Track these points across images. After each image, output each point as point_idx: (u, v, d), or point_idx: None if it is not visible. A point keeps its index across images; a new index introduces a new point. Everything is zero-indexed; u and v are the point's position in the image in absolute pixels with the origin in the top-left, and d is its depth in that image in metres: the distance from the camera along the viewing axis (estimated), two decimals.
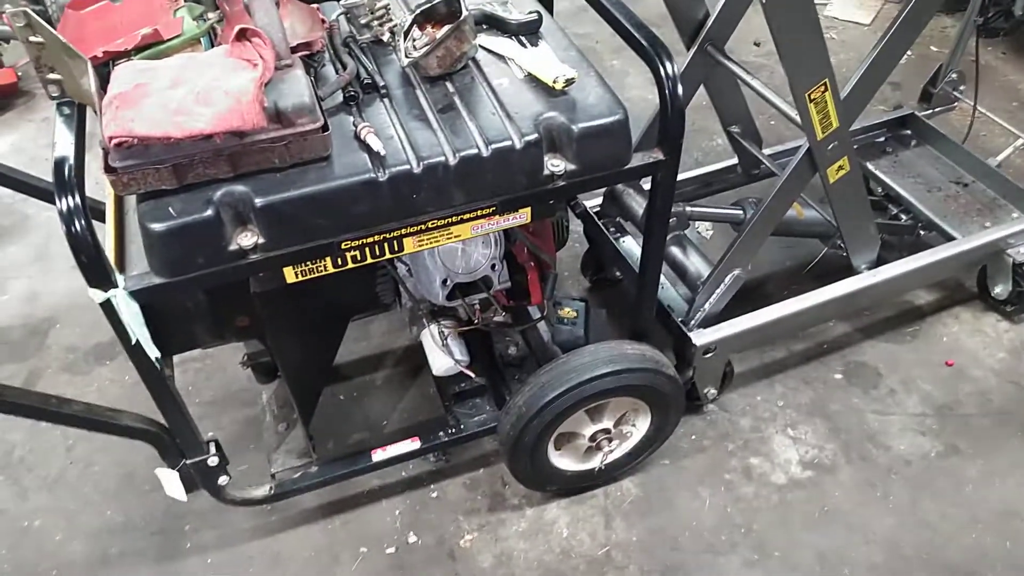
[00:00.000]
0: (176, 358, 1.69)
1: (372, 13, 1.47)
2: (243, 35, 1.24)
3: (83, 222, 1.15)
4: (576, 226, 2.35)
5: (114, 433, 1.50)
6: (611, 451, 1.83)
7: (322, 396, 1.88)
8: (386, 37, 1.49)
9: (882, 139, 2.56)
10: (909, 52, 1.78)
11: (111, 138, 1.15)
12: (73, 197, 1.15)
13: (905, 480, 1.95)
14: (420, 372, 2.17)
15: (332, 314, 1.79)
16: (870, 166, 2.45)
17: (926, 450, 2.01)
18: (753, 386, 2.17)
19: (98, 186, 1.27)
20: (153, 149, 1.17)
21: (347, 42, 1.48)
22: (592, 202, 2.24)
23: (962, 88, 2.53)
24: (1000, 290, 2.27)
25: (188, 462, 1.56)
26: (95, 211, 1.60)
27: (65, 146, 1.21)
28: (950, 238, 2.21)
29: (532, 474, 1.81)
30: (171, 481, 1.58)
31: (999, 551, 1.81)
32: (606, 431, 1.79)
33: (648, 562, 1.81)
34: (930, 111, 2.56)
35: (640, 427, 1.85)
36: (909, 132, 2.56)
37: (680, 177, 2.33)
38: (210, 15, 1.40)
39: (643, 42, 1.41)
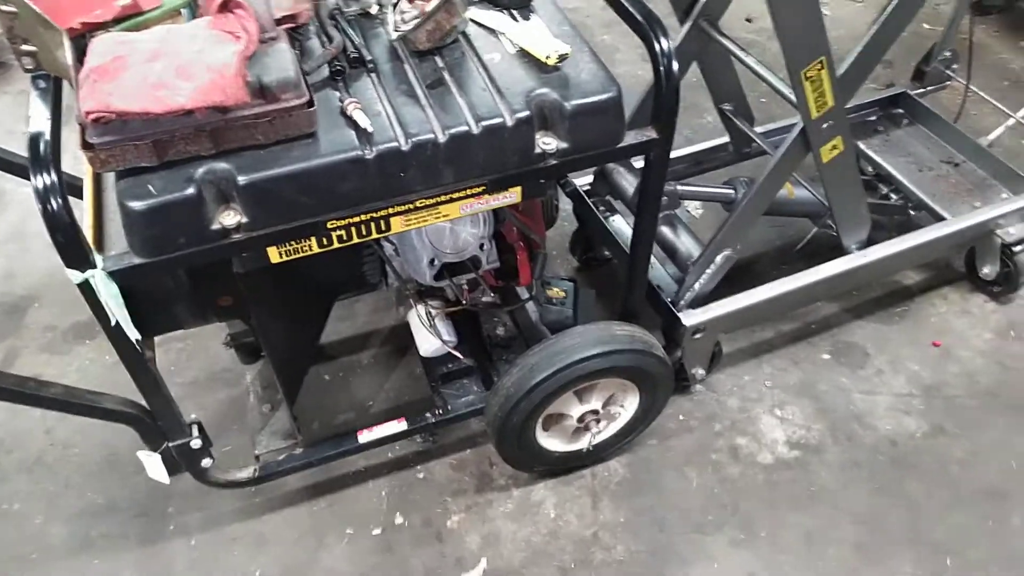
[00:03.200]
0: (157, 338, 1.65)
1: None
2: (226, 6, 1.19)
3: (59, 200, 1.12)
4: (565, 205, 2.33)
5: (94, 416, 1.47)
6: (599, 432, 1.82)
7: (307, 376, 1.86)
8: (374, 10, 1.45)
9: (874, 118, 2.54)
10: None
11: (88, 113, 1.10)
12: (49, 174, 1.12)
13: (891, 460, 1.96)
14: (407, 352, 2.14)
15: (317, 294, 1.76)
16: (861, 145, 2.43)
17: (912, 430, 2.02)
18: (741, 366, 2.16)
19: (76, 161, 1.23)
20: (132, 125, 1.13)
21: (334, 14, 1.43)
22: (582, 180, 2.21)
23: (955, 67, 2.52)
24: (988, 270, 2.28)
25: (170, 445, 1.53)
26: (73, 188, 1.55)
27: (40, 121, 1.17)
28: (940, 218, 2.20)
29: (520, 455, 1.80)
30: (153, 464, 1.55)
31: (983, 529, 1.83)
32: (594, 412, 1.78)
33: (635, 542, 1.81)
34: (922, 90, 2.54)
35: (628, 408, 1.84)
36: (901, 111, 2.54)
37: (671, 155, 2.32)
38: None
39: (638, 17, 1.38)
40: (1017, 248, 2.17)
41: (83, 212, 1.31)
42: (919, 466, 1.95)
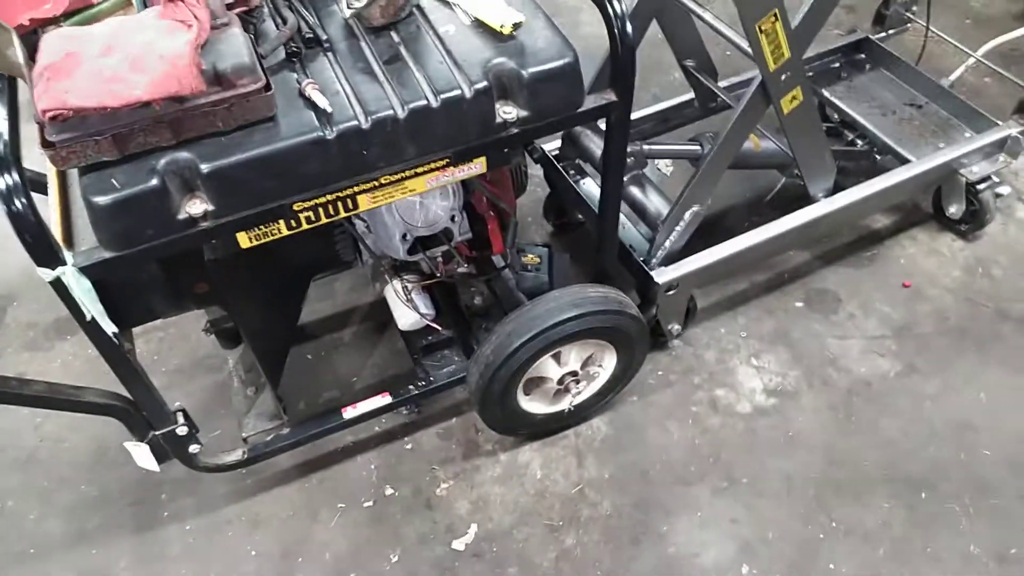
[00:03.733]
0: (139, 328, 1.67)
1: None
2: None
3: (23, 200, 1.13)
4: (537, 170, 2.34)
5: (78, 411, 1.49)
6: (579, 392, 1.85)
7: (290, 356, 1.88)
8: None
9: (837, 65, 2.55)
10: None
11: (45, 112, 1.11)
12: (11, 175, 1.12)
13: (865, 401, 2.01)
14: (388, 327, 2.17)
15: (292, 275, 1.77)
16: (825, 92, 2.45)
17: (885, 370, 2.07)
18: (717, 319, 2.20)
19: (42, 157, 1.23)
20: (90, 120, 1.14)
21: None
22: (551, 145, 2.22)
23: (914, 8, 2.53)
24: (954, 210, 2.32)
25: (157, 434, 1.55)
26: (38, 183, 1.56)
27: None
28: (905, 161, 2.23)
29: (503, 420, 1.84)
30: (141, 454, 1.57)
31: (955, 462, 1.89)
32: (573, 373, 1.81)
33: (620, 497, 1.86)
34: (884, 34, 2.56)
35: (607, 367, 1.88)
36: (863, 56, 2.56)
37: (637, 114, 2.33)
38: None
39: None
40: (981, 186, 2.21)
41: (50, 208, 1.32)
42: (893, 405, 2.00)
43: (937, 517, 1.80)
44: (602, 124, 1.92)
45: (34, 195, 1.17)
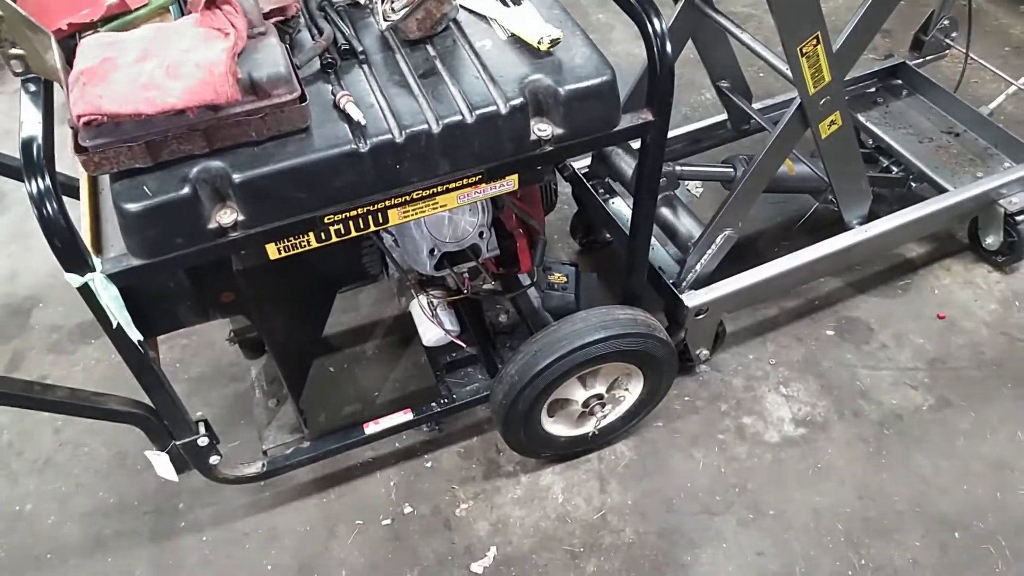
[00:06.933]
0: (162, 336, 1.65)
1: None
2: (213, 3, 1.19)
3: (55, 205, 1.12)
4: (565, 188, 2.31)
5: (100, 418, 1.48)
6: (604, 416, 1.82)
7: (313, 368, 1.86)
8: None
9: (873, 90, 2.52)
10: None
11: (79, 116, 1.10)
12: (43, 179, 1.12)
13: (897, 434, 1.96)
14: (411, 341, 2.14)
15: (318, 287, 1.76)
16: (861, 117, 2.41)
17: (918, 404, 2.02)
18: (745, 345, 2.16)
19: (73, 161, 1.23)
20: (124, 126, 1.13)
21: (323, 5, 1.42)
22: (580, 163, 2.20)
23: (954, 35, 2.49)
24: (991, 241, 2.26)
25: (177, 443, 1.53)
26: (70, 188, 1.56)
27: (32, 125, 1.16)
28: (942, 190, 2.18)
29: (526, 442, 1.81)
30: (161, 463, 1.56)
31: (990, 502, 1.83)
32: (599, 396, 1.78)
33: (643, 525, 1.82)
34: (921, 59, 2.52)
35: (633, 391, 1.84)
36: (900, 82, 2.52)
37: (669, 134, 2.30)
38: None
39: None
40: (1020, 217, 2.16)
41: (80, 214, 1.31)
42: (925, 440, 1.95)
43: (971, 558, 1.74)
44: (635, 143, 1.90)
45: (65, 199, 1.17)
